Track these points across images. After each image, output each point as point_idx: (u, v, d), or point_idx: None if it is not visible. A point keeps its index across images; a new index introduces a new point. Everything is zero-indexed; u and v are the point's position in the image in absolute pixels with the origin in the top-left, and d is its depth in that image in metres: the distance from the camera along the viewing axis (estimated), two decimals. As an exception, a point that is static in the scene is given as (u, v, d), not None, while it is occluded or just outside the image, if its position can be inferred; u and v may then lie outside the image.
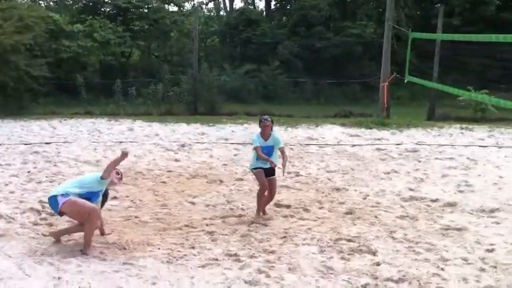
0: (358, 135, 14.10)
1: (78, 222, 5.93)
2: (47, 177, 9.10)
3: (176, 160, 10.90)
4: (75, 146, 12.13)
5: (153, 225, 6.76)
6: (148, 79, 24.50)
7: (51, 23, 24.66)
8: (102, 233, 6.27)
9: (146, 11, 29.99)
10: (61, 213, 5.85)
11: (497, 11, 28.93)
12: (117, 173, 6.27)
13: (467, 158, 11.11)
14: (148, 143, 12.64)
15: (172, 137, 13.64)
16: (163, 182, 9.07)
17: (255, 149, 7.11)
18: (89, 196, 5.84)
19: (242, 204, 7.79)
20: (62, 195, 5.71)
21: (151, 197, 8.11)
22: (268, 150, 7.09)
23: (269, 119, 7.19)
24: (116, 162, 5.96)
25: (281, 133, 14.57)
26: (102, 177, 5.90)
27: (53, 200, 5.79)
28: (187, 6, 35.30)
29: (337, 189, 8.69)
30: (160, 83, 22.60)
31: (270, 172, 7.17)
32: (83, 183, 5.92)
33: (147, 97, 21.69)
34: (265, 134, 7.13)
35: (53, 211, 6.12)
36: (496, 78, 21.16)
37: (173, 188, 8.68)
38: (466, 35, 15.09)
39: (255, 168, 7.18)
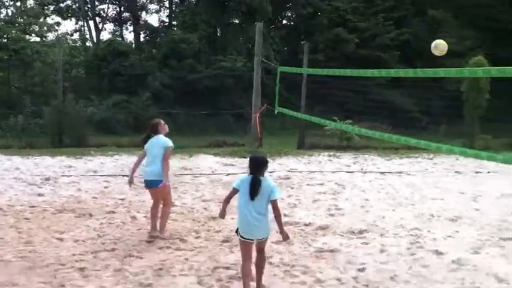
0: (232, 165, 14.21)
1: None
2: None
3: (40, 195, 10.13)
4: None
5: (17, 264, 6.17)
6: (8, 111, 22.95)
7: None
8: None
9: (5, 41, 28.32)
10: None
11: (357, 49, 31.20)
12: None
13: (336, 184, 11.63)
14: (8, 178, 11.67)
15: (36, 171, 12.74)
16: (27, 219, 8.36)
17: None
18: None
19: (115, 238, 7.41)
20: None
21: (13, 235, 7.42)
22: None
23: None
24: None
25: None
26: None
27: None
28: (51, 36, 33.82)
29: (214, 218, 8.58)
30: (20, 114, 21.26)
31: None
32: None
33: (6, 129, 20.26)
34: None
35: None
36: (357, 110, 22.58)
37: (38, 224, 8.03)
38: (329, 69, 16.00)
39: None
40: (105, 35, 37.81)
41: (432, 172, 13.43)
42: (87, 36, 38.48)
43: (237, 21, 34.43)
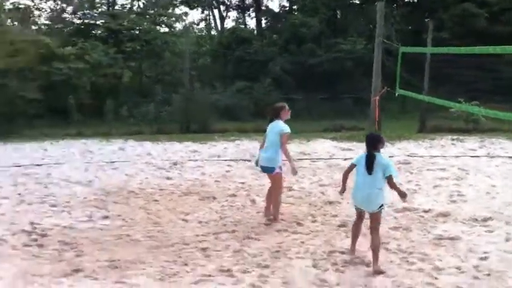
0: (350, 149, 14.11)
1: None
2: (37, 198, 9.01)
3: (168, 178, 10.83)
4: (66, 167, 12.03)
5: (145, 243, 6.70)
6: (140, 99, 24.48)
7: (42, 46, 24.72)
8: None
9: (138, 32, 30.14)
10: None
11: (487, 24, 29.22)
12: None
13: (459, 169, 11.14)
14: (140, 162, 12.57)
15: (165, 156, 13.59)
16: (156, 200, 9.00)
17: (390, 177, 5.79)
18: None
19: (235, 220, 7.76)
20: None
21: (143, 215, 8.05)
22: None
23: None
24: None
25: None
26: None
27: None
28: (179, 26, 35.47)
29: (330, 203, 8.68)
30: (152, 103, 22.57)
31: None
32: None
33: (139, 117, 21.60)
34: None
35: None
36: (486, 90, 21.27)
37: (165, 206, 8.62)
38: (455, 47, 15.20)
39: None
40: (229, 23, 38.76)
41: None
42: (212, 25, 39.73)
43: (357, 2, 33.76)
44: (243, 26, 36.54)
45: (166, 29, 33.75)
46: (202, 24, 40.30)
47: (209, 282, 5.41)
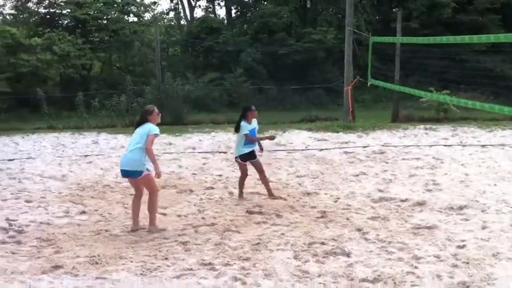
0: (325, 140, 14.20)
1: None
2: (12, 194, 8.84)
3: (144, 171, 10.72)
4: (40, 161, 11.84)
5: (125, 238, 6.64)
6: (111, 91, 24.12)
7: (8, 37, 24.16)
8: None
9: (105, 22, 29.65)
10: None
11: (454, 13, 29.63)
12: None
13: (433, 158, 11.30)
14: (114, 156, 12.43)
15: (139, 149, 13.42)
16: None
17: (245, 135, 8.39)
18: None
19: (214, 213, 7.74)
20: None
21: (120, 210, 7.97)
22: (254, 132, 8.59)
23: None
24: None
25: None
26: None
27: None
28: (147, 16, 35.04)
29: (308, 194, 8.72)
30: (123, 94, 22.26)
31: (253, 155, 8.49)
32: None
33: (111, 109, 21.29)
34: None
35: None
36: (455, 79, 21.61)
37: (143, 200, 8.50)
38: (424, 37, 15.43)
39: (239, 156, 8.44)
40: (198, 12, 38.42)
41: (538, 144, 12.66)
42: (182, 14, 39.43)
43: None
44: (212, 16, 36.30)
45: (135, 19, 33.34)
46: (171, 14, 39.98)
47: (191, 276, 5.37)
